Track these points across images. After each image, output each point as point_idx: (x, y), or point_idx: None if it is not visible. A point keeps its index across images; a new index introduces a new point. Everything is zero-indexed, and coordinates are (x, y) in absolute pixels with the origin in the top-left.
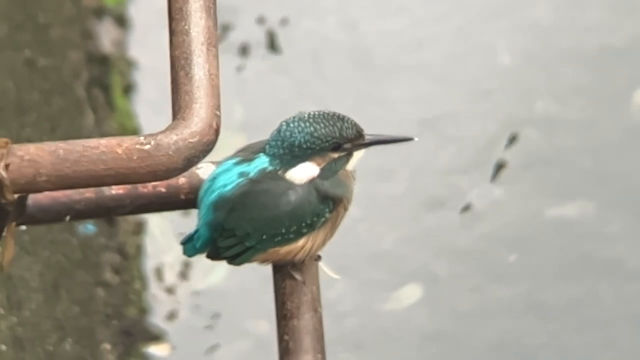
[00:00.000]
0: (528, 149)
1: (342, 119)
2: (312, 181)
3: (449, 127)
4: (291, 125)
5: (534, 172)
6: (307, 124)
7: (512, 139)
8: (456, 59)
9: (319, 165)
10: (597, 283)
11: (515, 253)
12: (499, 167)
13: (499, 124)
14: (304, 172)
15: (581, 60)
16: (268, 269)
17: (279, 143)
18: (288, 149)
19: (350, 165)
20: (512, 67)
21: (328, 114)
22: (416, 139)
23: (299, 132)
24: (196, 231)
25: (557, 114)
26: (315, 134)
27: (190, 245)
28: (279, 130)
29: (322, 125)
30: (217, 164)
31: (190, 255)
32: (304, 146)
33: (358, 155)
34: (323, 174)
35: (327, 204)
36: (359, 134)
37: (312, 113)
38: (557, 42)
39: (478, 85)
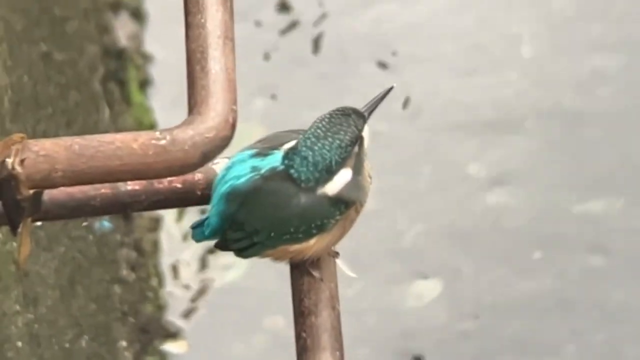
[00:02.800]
0: (553, 142)
1: (347, 114)
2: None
3: (472, 119)
4: (316, 148)
5: (559, 166)
6: (330, 139)
7: (537, 132)
8: (479, 49)
9: (350, 167)
10: (623, 280)
11: (540, 249)
12: (523, 161)
13: (522, 116)
14: (341, 181)
15: (606, 50)
16: (285, 267)
17: (311, 169)
18: (325, 171)
19: (367, 143)
20: (536, 57)
21: (333, 118)
22: (394, 84)
23: (329, 151)
24: (207, 218)
25: (583, 105)
26: (343, 144)
27: (200, 231)
28: (304, 158)
29: (342, 132)
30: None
31: (197, 241)
32: (340, 160)
33: (366, 133)
34: (355, 172)
35: (338, 207)
36: (362, 114)
37: (321, 126)
38: (581, 32)
39: (501, 76)
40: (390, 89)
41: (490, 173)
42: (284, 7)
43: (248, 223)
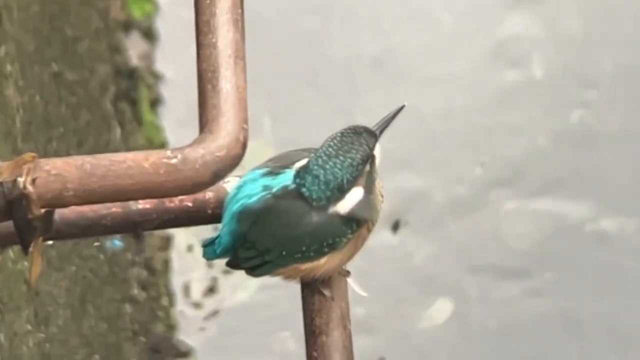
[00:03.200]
0: (564, 163)
1: (358, 132)
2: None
3: (481, 140)
4: (327, 167)
5: (571, 186)
6: (341, 158)
7: (548, 152)
8: (489, 70)
9: (362, 185)
10: (635, 300)
11: (551, 269)
12: (534, 180)
13: (533, 137)
14: (352, 199)
15: (615, 73)
16: (296, 286)
17: (322, 187)
18: (337, 189)
19: (378, 162)
20: (546, 79)
21: (345, 136)
22: (406, 103)
23: (341, 170)
24: (218, 236)
25: (594, 127)
26: (355, 163)
27: (211, 249)
28: (316, 177)
29: (353, 151)
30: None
31: (209, 259)
32: (351, 178)
33: (378, 152)
34: (367, 190)
35: (349, 226)
36: (374, 132)
37: (332, 144)
38: (590, 54)
39: (511, 97)
40: (402, 107)
41: (500, 192)
42: (291, 28)
43: (259, 242)
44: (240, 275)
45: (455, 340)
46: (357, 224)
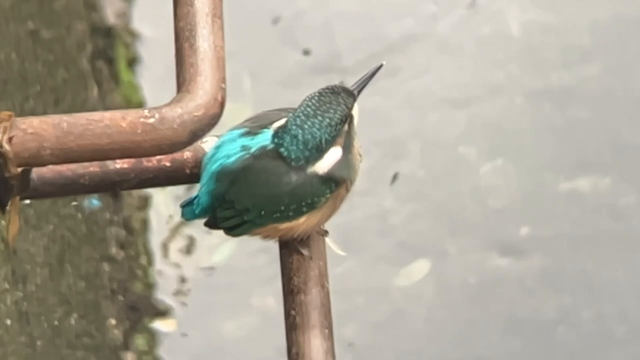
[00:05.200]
0: (541, 121)
1: (337, 92)
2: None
3: (461, 99)
4: (306, 127)
5: (547, 145)
6: (320, 117)
7: (525, 111)
8: (468, 29)
9: (340, 145)
10: (610, 257)
11: (527, 227)
12: (510, 140)
13: (511, 96)
14: (331, 159)
15: (595, 30)
16: (275, 245)
17: (301, 147)
18: (315, 149)
19: (356, 121)
20: (525, 37)
21: (323, 96)
22: (384, 62)
23: (319, 129)
24: (196, 196)
25: (571, 85)
26: (333, 122)
27: (189, 209)
28: (294, 137)
29: (331, 111)
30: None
31: (187, 219)
32: (330, 138)
33: (356, 112)
34: (345, 150)
35: (328, 185)
36: (352, 92)
37: (310, 104)
38: (570, 12)
39: (490, 56)
40: (380, 66)
41: (478, 152)
42: None
43: (238, 201)
44: (219, 234)
45: (433, 298)
46: (335, 183)
